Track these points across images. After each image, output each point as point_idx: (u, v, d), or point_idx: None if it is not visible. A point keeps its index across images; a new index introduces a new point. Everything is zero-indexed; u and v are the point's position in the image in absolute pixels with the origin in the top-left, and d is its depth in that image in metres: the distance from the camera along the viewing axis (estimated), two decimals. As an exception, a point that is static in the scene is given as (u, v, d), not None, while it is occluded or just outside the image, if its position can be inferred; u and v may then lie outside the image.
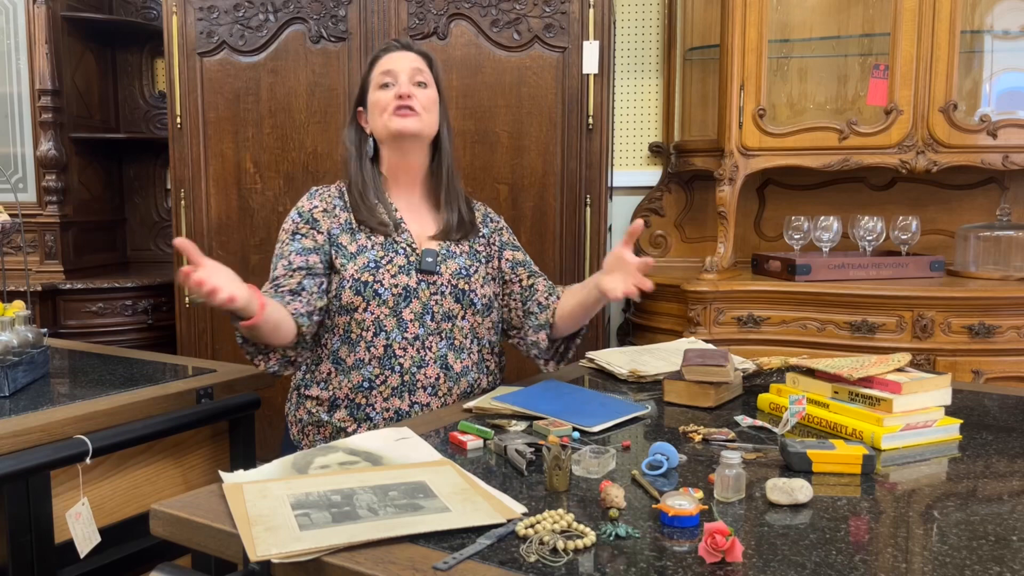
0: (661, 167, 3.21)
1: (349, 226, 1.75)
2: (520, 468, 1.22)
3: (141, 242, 3.69)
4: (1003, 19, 2.84)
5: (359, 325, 1.68)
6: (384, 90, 1.76)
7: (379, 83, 1.77)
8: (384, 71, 1.77)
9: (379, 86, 1.77)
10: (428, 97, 1.77)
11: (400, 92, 1.73)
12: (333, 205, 1.77)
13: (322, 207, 1.77)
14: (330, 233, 1.73)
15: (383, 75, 1.77)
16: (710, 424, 1.45)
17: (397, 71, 1.76)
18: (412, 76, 1.77)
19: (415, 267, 1.72)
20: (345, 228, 1.74)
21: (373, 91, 1.78)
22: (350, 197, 1.78)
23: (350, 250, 1.72)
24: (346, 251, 1.72)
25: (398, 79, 1.75)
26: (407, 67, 1.77)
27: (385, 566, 0.91)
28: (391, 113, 1.73)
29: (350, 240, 1.73)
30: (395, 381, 1.68)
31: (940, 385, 1.40)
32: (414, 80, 1.77)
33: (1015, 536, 1.00)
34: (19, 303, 1.85)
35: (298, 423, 1.77)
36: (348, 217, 1.76)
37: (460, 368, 1.73)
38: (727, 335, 2.56)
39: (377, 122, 1.77)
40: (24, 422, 1.48)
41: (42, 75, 3.14)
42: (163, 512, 1.08)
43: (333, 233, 1.73)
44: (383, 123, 1.75)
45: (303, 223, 1.75)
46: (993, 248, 2.69)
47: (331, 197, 1.79)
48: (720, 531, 0.92)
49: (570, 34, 2.60)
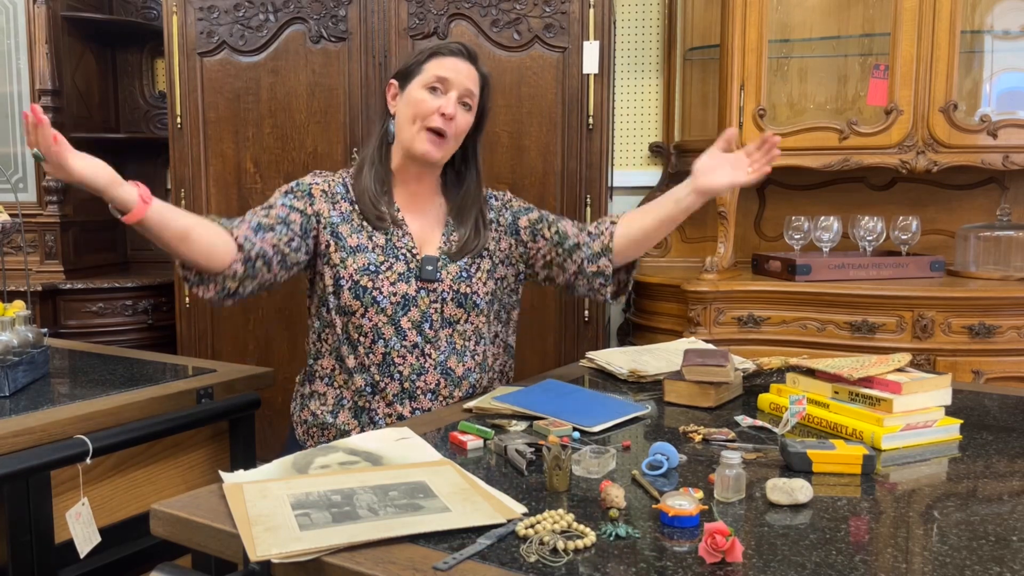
0: (661, 167, 3.21)
1: (350, 218, 1.71)
2: (520, 468, 1.22)
3: (141, 242, 3.69)
4: (1003, 19, 2.84)
5: (357, 330, 1.68)
6: (431, 94, 1.67)
7: (428, 83, 1.68)
8: (439, 75, 1.68)
9: (427, 86, 1.68)
10: (465, 123, 1.71)
11: (445, 110, 1.66)
12: (335, 192, 1.73)
13: (322, 187, 1.72)
14: (322, 216, 1.69)
15: (436, 79, 1.68)
16: (710, 424, 1.45)
17: (452, 82, 1.68)
18: (462, 95, 1.69)
19: (415, 275, 1.69)
20: (346, 219, 1.71)
21: (418, 87, 1.69)
22: (356, 184, 1.74)
23: (349, 243, 1.68)
24: (345, 244, 1.68)
25: (449, 92, 1.68)
26: (463, 84, 1.69)
27: (385, 566, 0.91)
28: (422, 128, 1.67)
29: (350, 233, 1.69)
30: (395, 388, 1.67)
31: (940, 385, 1.40)
32: (462, 99, 1.69)
33: (1015, 536, 1.00)
34: (19, 303, 1.85)
35: (303, 424, 1.77)
36: (350, 209, 1.72)
37: (462, 372, 1.71)
38: (727, 335, 2.56)
39: (405, 125, 1.70)
40: (24, 422, 1.48)
41: (42, 75, 3.14)
42: (163, 512, 1.08)
43: (332, 221, 1.69)
44: (411, 134, 1.68)
45: (299, 191, 1.71)
46: (993, 248, 2.69)
47: (334, 183, 1.74)
48: (720, 531, 0.92)
49: (570, 34, 2.60)
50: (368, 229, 1.71)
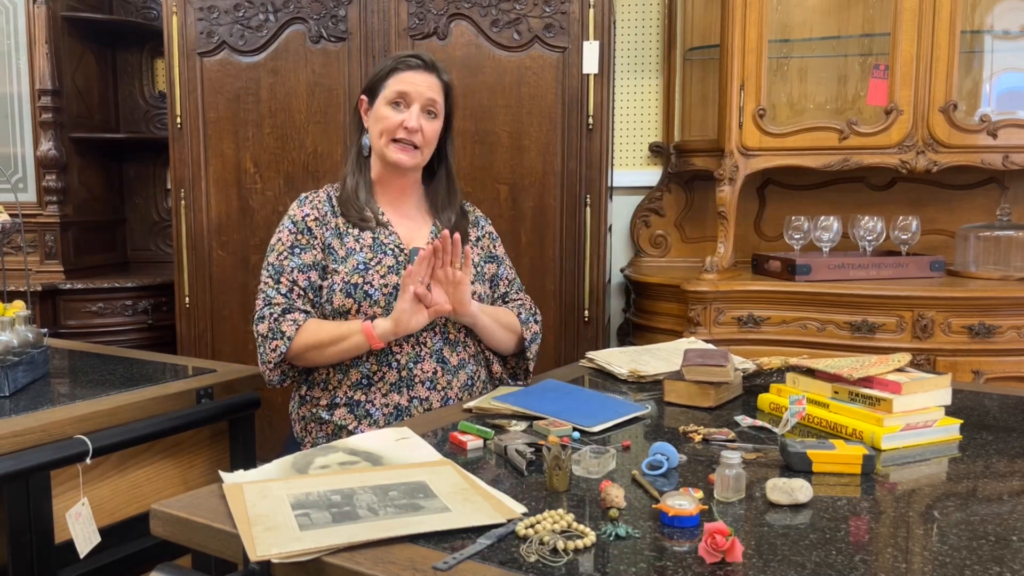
0: (661, 167, 3.21)
1: (337, 230, 1.76)
2: (520, 468, 1.22)
3: (141, 242, 3.69)
4: (1003, 19, 2.84)
5: None
6: (394, 109, 1.74)
7: (391, 99, 1.74)
8: (400, 91, 1.73)
9: (390, 103, 1.74)
10: (432, 130, 1.76)
11: (408, 125, 1.71)
12: (324, 212, 1.78)
13: (314, 215, 1.77)
14: (323, 242, 1.75)
15: (397, 94, 1.73)
16: (710, 424, 1.45)
17: (412, 96, 1.73)
18: (425, 106, 1.74)
19: (403, 266, 1.72)
20: (335, 233, 1.75)
21: (382, 104, 1.76)
22: (340, 195, 1.79)
23: (340, 254, 1.73)
24: (337, 255, 1.73)
25: (411, 106, 1.73)
26: (423, 95, 1.74)
27: (385, 566, 0.91)
28: (392, 140, 1.74)
29: (340, 244, 1.74)
30: (393, 377, 1.69)
31: (940, 385, 1.40)
32: (425, 109, 1.75)
33: (1015, 536, 1.00)
34: (19, 303, 1.85)
35: (300, 420, 1.77)
36: (337, 222, 1.77)
37: (457, 361, 1.74)
38: (727, 335, 2.56)
39: (376, 139, 1.77)
40: (24, 422, 1.48)
41: (42, 75, 3.14)
42: (163, 512, 1.08)
43: (326, 241, 1.75)
44: (381, 147, 1.76)
45: (300, 234, 1.75)
46: (993, 248, 2.68)
47: (321, 204, 1.79)
48: (720, 531, 0.92)
49: (570, 34, 2.60)
50: (355, 232, 1.75)
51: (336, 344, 1.65)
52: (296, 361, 1.70)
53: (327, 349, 1.66)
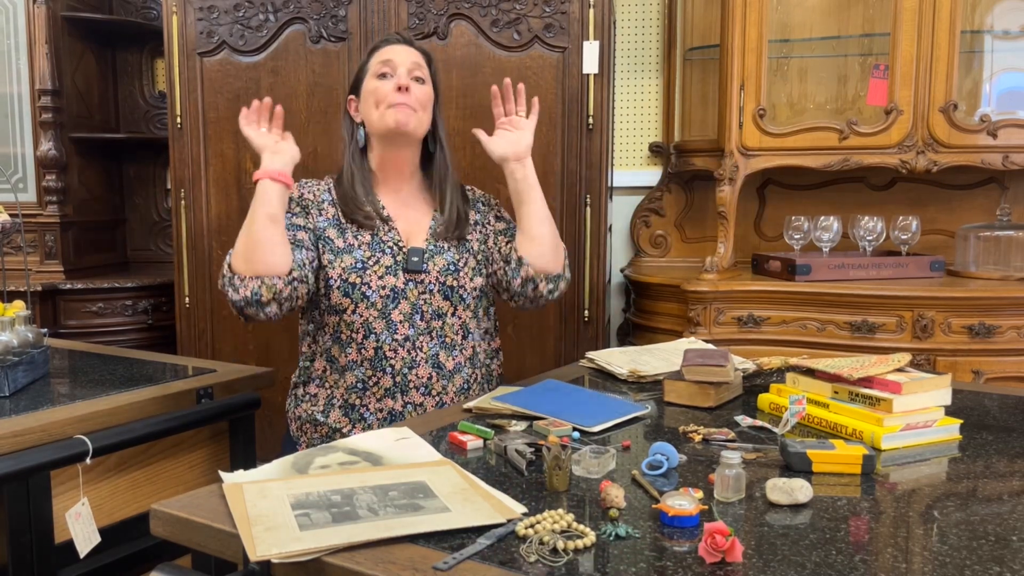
0: (661, 167, 3.21)
1: (337, 221, 1.74)
2: (520, 468, 1.22)
3: (141, 242, 3.69)
4: (1003, 19, 2.84)
5: (348, 327, 1.69)
6: (382, 80, 1.75)
7: (377, 72, 1.76)
8: (383, 60, 1.76)
9: (377, 75, 1.76)
10: (424, 93, 1.77)
11: (399, 83, 1.72)
12: (321, 199, 1.77)
13: (310, 197, 1.77)
14: (316, 226, 1.73)
15: (382, 64, 1.76)
16: (710, 424, 1.45)
17: (396, 63, 1.75)
18: (411, 70, 1.76)
19: (402, 267, 1.72)
20: (333, 223, 1.74)
21: (370, 79, 1.77)
22: (338, 190, 1.78)
23: (337, 245, 1.72)
24: (334, 246, 1.71)
25: (396, 71, 1.74)
26: (407, 60, 1.77)
27: (385, 566, 0.91)
28: (387, 106, 1.72)
29: (337, 235, 1.73)
30: (387, 382, 1.69)
31: (940, 385, 1.40)
32: (412, 74, 1.76)
33: (1015, 536, 1.00)
34: (19, 303, 1.85)
35: (296, 420, 1.78)
36: (336, 212, 1.75)
37: (452, 366, 1.73)
38: (727, 335, 2.56)
39: (371, 114, 1.75)
40: (24, 422, 1.48)
41: (42, 75, 3.14)
42: (163, 512, 1.08)
43: (320, 226, 1.73)
44: (378, 115, 1.73)
45: (293, 204, 1.75)
46: (993, 248, 2.68)
47: (319, 191, 1.79)
48: (720, 531, 0.92)
49: (570, 34, 2.60)
50: (353, 229, 1.74)
51: (251, 214, 1.61)
52: (245, 269, 1.61)
53: (250, 227, 1.60)
